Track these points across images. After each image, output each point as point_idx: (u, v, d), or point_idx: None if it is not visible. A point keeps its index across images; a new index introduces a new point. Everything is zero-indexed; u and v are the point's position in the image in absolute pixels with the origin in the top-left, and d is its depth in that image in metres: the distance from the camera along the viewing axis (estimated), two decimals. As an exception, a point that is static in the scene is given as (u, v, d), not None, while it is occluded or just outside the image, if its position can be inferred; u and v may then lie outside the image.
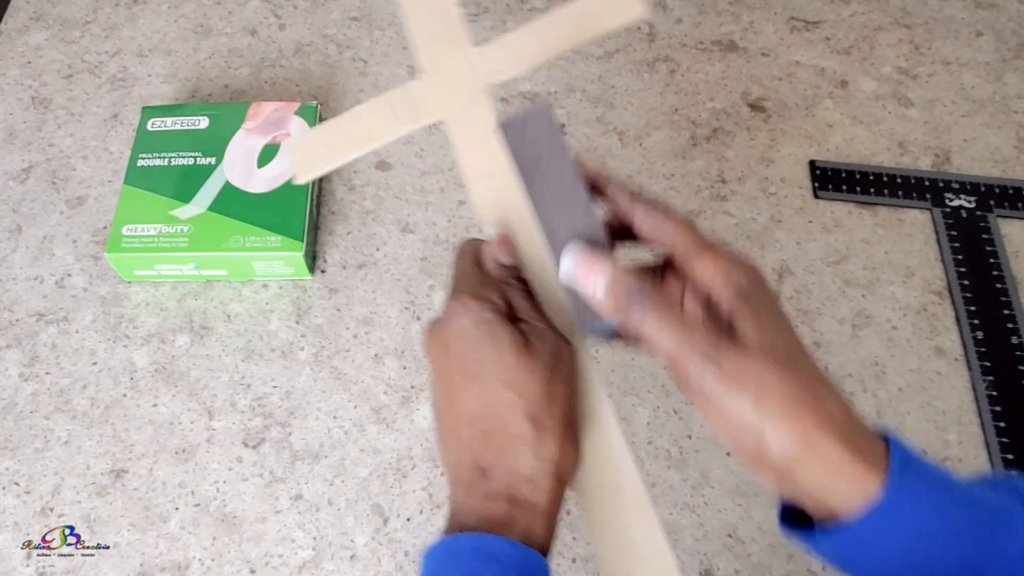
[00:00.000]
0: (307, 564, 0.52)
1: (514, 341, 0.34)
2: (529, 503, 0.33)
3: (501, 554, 0.31)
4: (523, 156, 0.38)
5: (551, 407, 0.34)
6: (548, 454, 0.33)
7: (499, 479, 0.33)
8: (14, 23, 0.78)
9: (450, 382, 0.35)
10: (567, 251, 0.36)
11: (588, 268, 0.34)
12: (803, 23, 0.79)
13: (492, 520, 0.32)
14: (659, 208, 0.37)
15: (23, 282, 0.63)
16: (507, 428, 0.33)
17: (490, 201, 0.38)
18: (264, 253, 0.60)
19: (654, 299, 0.32)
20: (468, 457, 0.34)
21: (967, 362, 0.60)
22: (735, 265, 0.33)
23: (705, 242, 0.34)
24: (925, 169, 0.69)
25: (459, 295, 0.35)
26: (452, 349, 0.35)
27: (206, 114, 0.66)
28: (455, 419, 0.35)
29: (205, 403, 0.58)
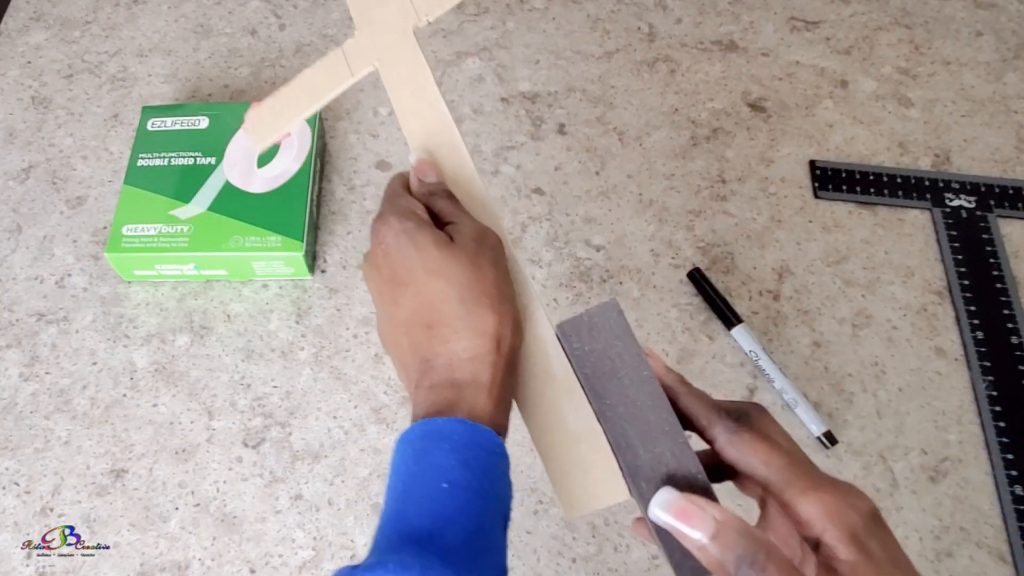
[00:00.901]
0: (307, 564, 0.52)
1: (436, 238, 0.36)
2: (472, 382, 0.34)
3: (449, 432, 0.32)
4: (591, 367, 0.34)
5: (481, 287, 0.35)
6: (484, 326, 0.34)
7: (441, 366, 0.35)
8: (14, 23, 0.78)
9: (386, 298, 0.37)
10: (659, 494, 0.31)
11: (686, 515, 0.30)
12: (803, 23, 0.79)
13: (440, 406, 0.34)
14: (743, 428, 0.32)
15: (23, 282, 0.63)
16: (443, 316, 0.35)
17: (417, 130, 0.41)
18: (264, 253, 0.60)
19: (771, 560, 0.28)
20: (415, 357, 0.35)
21: (967, 362, 0.60)
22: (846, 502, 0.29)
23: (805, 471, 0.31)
24: (925, 169, 0.69)
25: (380, 216, 0.37)
26: (381, 266, 0.37)
27: (206, 114, 0.66)
28: (397, 327, 0.36)
29: (205, 403, 0.58)
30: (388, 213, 0.37)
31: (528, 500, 0.54)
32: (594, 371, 0.34)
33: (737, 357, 0.60)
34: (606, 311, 0.34)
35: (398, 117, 0.41)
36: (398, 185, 0.40)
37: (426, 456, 0.32)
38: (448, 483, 0.31)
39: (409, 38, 0.42)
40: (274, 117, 0.44)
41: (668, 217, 0.67)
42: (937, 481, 0.55)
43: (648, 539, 0.34)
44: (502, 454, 0.33)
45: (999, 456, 0.56)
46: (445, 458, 0.31)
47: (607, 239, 0.65)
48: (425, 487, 0.31)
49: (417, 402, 0.35)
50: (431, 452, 0.32)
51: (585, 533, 0.53)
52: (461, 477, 0.31)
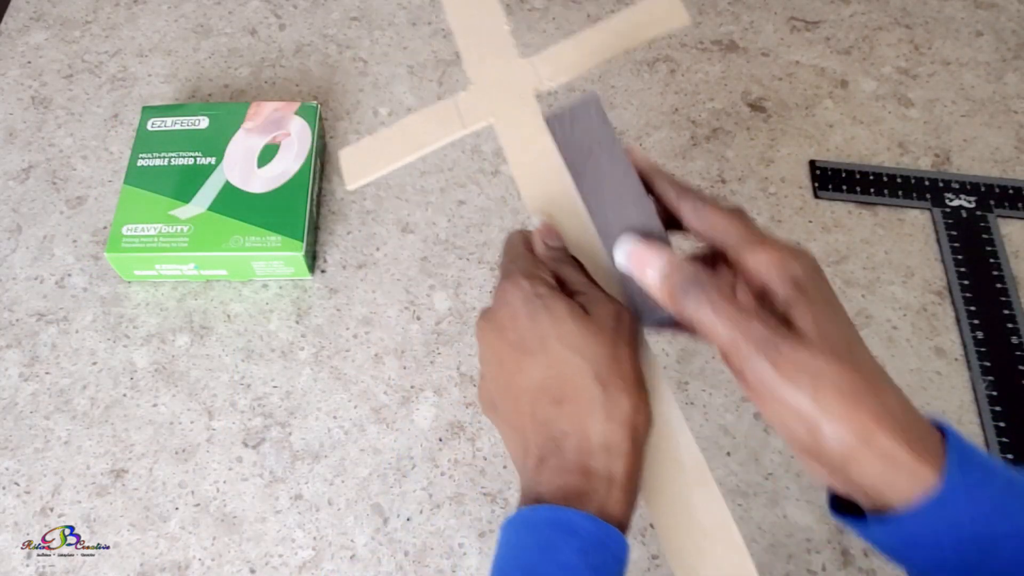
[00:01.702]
0: (307, 564, 0.52)
1: (572, 309, 0.34)
2: (605, 474, 0.32)
3: (580, 528, 0.30)
4: (572, 148, 0.38)
5: (618, 367, 0.33)
6: (620, 414, 0.32)
7: (572, 449, 0.32)
8: (14, 23, 0.78)
9: (508, 363, 0.34)
10: (621, 241, 0.36)
11: (643, 257, 0.34)
12: (803, 23, 0.79)
13: (568, 493, 0.31)
14: (708, 201, 0.36)
15: (23, 282, 0.63)
16: (576, 393, 0.33)
17: (537, 195, 0.39)
18: (264, 253, 0.60)
19: (709, 288, 0.31)
20: (538, 431, 0.33)
21: (967, 362, 0.60)
22: (791, 255, 0.32)
23: (758, 234, 0.34)
24: (925, 169, 0.69)
25: (509, 276, 0.35)
26: (507, 329, 0.34)
27: (206, 114, 0.66)
28: (518, 397, 0.34)
29: (205, 403, 0.58)
30: (518, 274, 0.35)
31: (528, 500, 0.54)
32: (576, 154, 0.38)
33: (737, 357, 0.60)
34: (586, 103, 0.38)
35: (515, 177, 0.40)
36: (521, 245, 0.38)
37: (552, 551, 0.30)
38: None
39: (530, 100, 0.41)
40: (372, 157, 0.42)
41: (668, 217, 0.67)
42: (937, 481, 0.55)
43: None
44: (625, 560, 0.32)
45: (999, 456, 0.56)
46: (573, 557, 0.30)
47: (607, 239, 0.65)
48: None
49: (539, 481, 0.32)
50: (559, 548, 0.30)
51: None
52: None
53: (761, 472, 0.55)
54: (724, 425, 0.57)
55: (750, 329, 0.30)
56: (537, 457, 0.33)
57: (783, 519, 0.54)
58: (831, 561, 0.52)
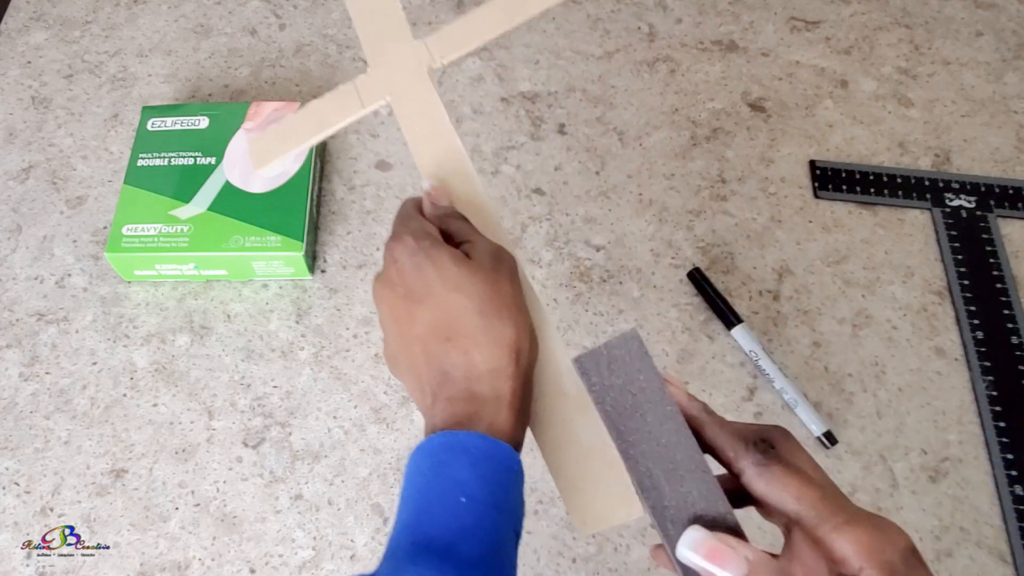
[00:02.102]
0: (307, 564, 0.52)
1: (453, 255, 0.36)
2: (492, 396, 0.34)
3: (468, 445, 0.32)
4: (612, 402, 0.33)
5: (500, 300, 0.35)
6: (504, 339, 0.35)
7: (461, 377, 0.35)
8: (14, 23, 0.78)
9: (401, 315, 0.37)
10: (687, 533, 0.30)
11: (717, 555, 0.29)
12: (803, 23, 0.79)
13: (459, 419, 0.34)
14: (773, 460, 0.31)
15: (23, 282, 0.63)
16: (462, 328, 0.35)
17: (429, 161, 0.42)
18: (264, 253, 0.60)
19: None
20: (431, 369, 0.35)
21: (967, 362, 0.60)
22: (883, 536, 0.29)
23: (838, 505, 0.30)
24: (925, 169, 0.69)
25: (396, 236, 0.38)
26: (396, 284, 0.37)
27: (206, 114, 0.66)
28: (412, 344, 0.36)
29: (205, 403, 0.58)
30: (403, 233, 0.38)
31: (528, 500, 0.54)
32: (615, 407, 0.33)
33: (737, 357, 0.60)
34: (626, 343, 0.33)
35: (410, 147, 0.43)
36: (411, 208, 0.41)
37: (445, 468, 0.32)
38: (466, 497, 0.31)
39: (423, 77, 0.44)
40: (278, 142, 0.45)
41: (668, 217, 0.67)
42: (937, 481, 0.55)
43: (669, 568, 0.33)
44: (519, 470, 0.34)
45: (999, 456, 0.56)
46: (464, 472, 0.32)
47: (607, 239, 0.65)
48: (443, 499, 0.31)
49: (434, 413, 0.35)
50: (450, 464, 0.32)
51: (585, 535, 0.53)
52: (479, 491, 0.31)
53: (761, 472, 0.55)
54: (724, 425, 0.57)
55: None
56: (432, 393, 0.35)
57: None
58: (831, 561, 0.52)
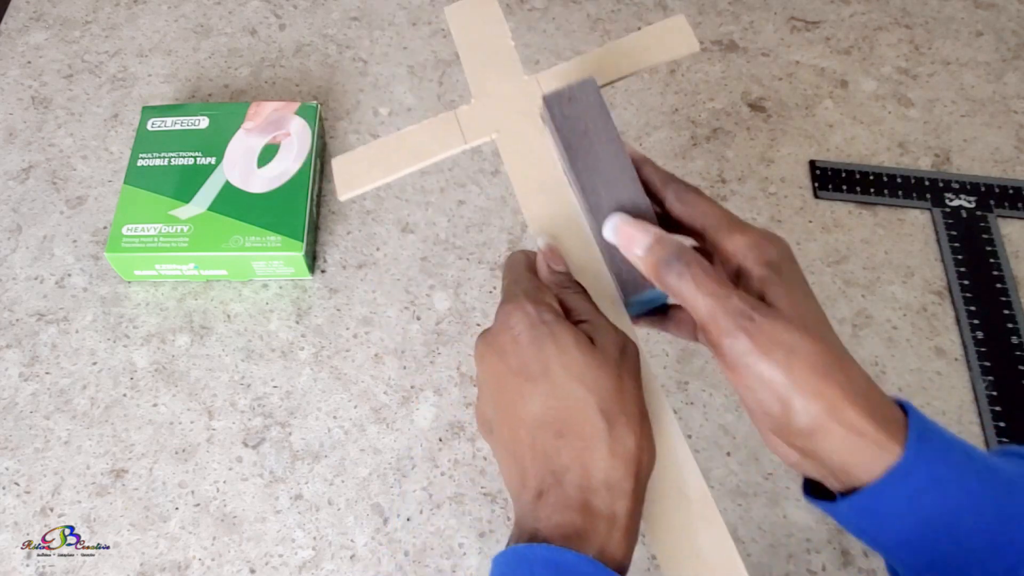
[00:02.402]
0: (307, 564, 0.52)
1: (577, 338, 0.33)
2: (607, 514, 0.31)
3: (577, 572, 0.29)
4: (568, 129, 0.38)
5: (623, 402, 0.32)
6: (624, 451, 0.31)
7: (573, 484, 0.31)
8: (14, 23, 0.78)
9: (509, 388, 0.33)
10: (611, 217, 0.36)
11: (630, 232, 0.35)
12: (803, 23, 0.79)
13: (567, 531, 0.30)
14: (690, 189, 0.37)
15: (23, 282, 0.63)
16: (580, 426, 0.32)
17: (541, 215, 0.39)
18: (264, 253, 0.60)
19: (692, 261, 0.32)
20: (536, 463, 0.32)
21: (967, 362, 0.60)
22: (766, 239, 0.34)
23: (737, 220, 0.35)
24: (925, 169, 0.69)
25: (513, 299, 0.34)
26: (509, 354, 0.33)
27: (206, 114, 0.66)
28: (518, 425, 0.33)
29: (205, 403, 0.58)
30: (520, 297, 0.34)
31: (528, 500, 0.54)
32: (571, 133, 0.38)
33: (737, 357, 0.60)
34: (584, 86, 0.39)
35: (517, 195, 0.39)
36: (524, 267, 0.37)
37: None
38: None
39: (533, 118, 0.41)
40: (367, 167, 0.41)
41: (668, 217, 0.67)
42: (937, 481, 0.55)
43: None
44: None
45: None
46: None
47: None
48: None
49: (537, 516, 0.31)
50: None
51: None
52: None
53: (761, 472, 0.55)
54: (724, 425, 0.57)
55: (729, 302, 0.31)
56: (535, 490, 0.32)
57: (783, 519, 0.54)
58: (831, 561, 0.52)
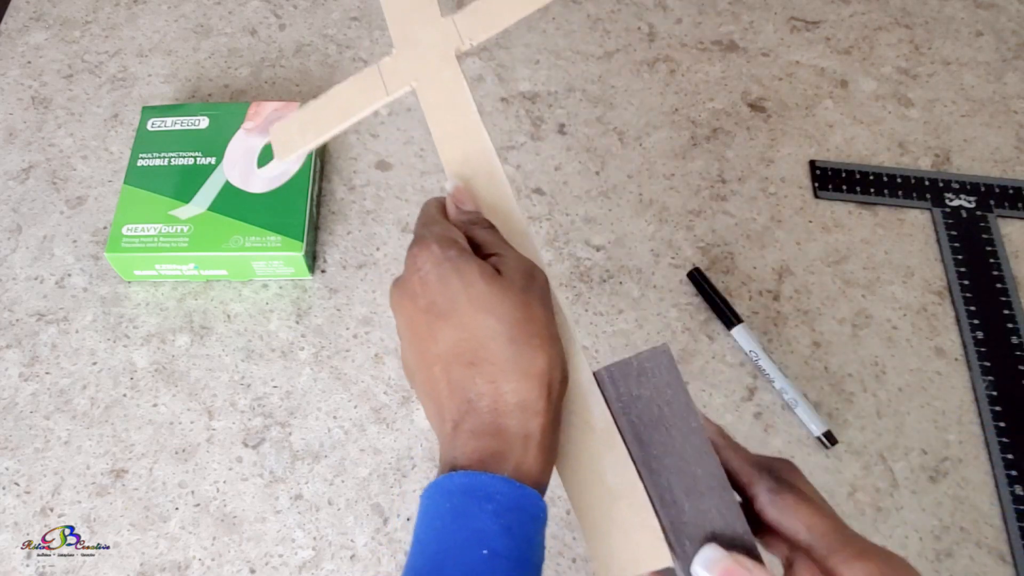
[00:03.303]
0: (307, 564, 0.52)
1: (483, 270, 0.33)
2: (521, 433, 0.31)
3: (494, 492, 0.30)
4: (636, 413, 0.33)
5: (531, 325, 0.32)
6: (535, 369, 0.32)
7: (487, 409, 0.32)
8: (14, 23, 0.78)
9: (421, 327, 0.34)
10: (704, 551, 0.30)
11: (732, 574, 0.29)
12: (803, 23, 0.79)
13: (483, 455, 0.31)
14: (787, 488, 0.32)
15: (23, 282, 0.63)
16: (489, 354, 0.32)
17: (455, 158, 0.39)
18: (264, 253, 0.60)
19: None
20: (453, 395, 0.33)
21: (967, 362, 0.60)
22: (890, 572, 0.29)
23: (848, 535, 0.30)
24: (925, 169, 0.69)
25: (420, 241, 0.35)
26: (418, 294, 0.34)
27: (206, 114, 0.66)
28: (432, 363, 0.33)
29: (205, 403, 0.58)
30: (428, 239, 0.34)
31: (528, 500, 0.54)
32: (640, 419, 0.32)
33: (737, 357, 0.60)
34: (657, 357, 0.33)
35: (435, 141, 0.40)
36: (434, 211, 0.38)
37: (466, 518, 0.29)
38: (489, 550, 0.29)
39: (451, 61, 0.41)
40: (301, 131, 0.42)
41: (668, 217, 0.67)
42: (937, 481, 0.55)
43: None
44: (545, 519, 0.31)
45: (999, 456, 0.56)
46: (488, 522, 0.29)
47: (607, 239, 0.65)
48: (463, 551, 0.29)
49: (455, 445, 0.32)
50: (473, 514, 0.29)
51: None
52: (503, 545, 0.29)
53: (761, 472, 0.55)
54: (724, 425, 0.57)
55: None
56: (452, 421, 0.32)
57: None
58: (831, 561, 0.52)
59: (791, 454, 0.56)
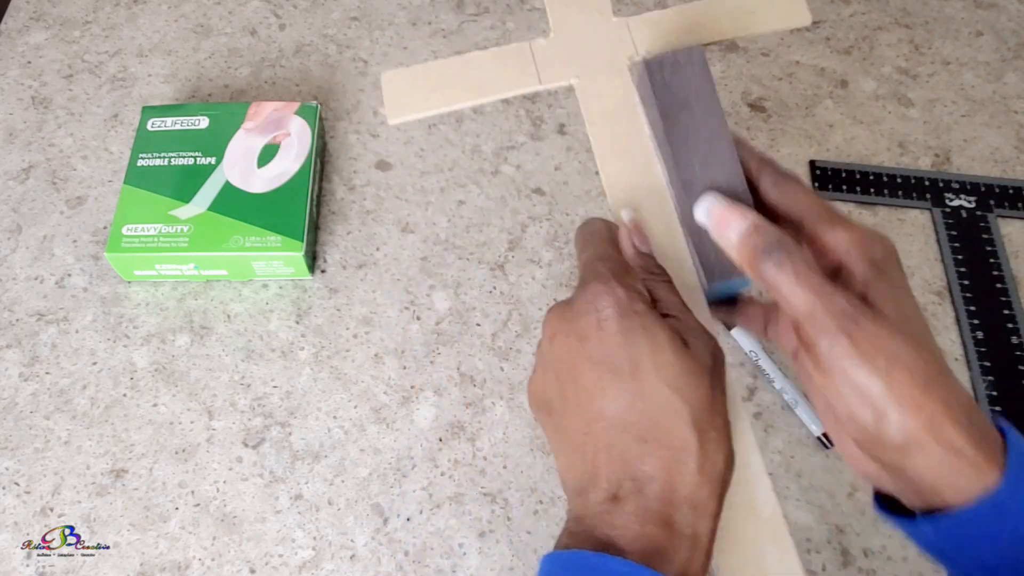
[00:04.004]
0: (307, 564, 0.52)
1: (672, 338, 0.30)
2: (690, 533, 0.28)
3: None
4: (668, 98, 0.35)
5: (714, 417, 0.30)
6: (712, 468, 0.29)
7: (655, 496, 0.28)
8: (14, 23, 0.78)
9: (585, 377, 0.30)
10: (705, 197, 0.34)
11: (726, 215, 0.32)
12: (803, 23, 0.79)
13: (647, 546, 0.28)
14: (788, 176, 0.35)
15: (23, 282, 0.63)
16: (668, 436, 0.29)
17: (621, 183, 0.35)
18: (264, 253, 0.60)
19: (793, 252, 0.30)
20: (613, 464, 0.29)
21: (967, 362, 0.60)
22: (871, 237, 0.32)
23: (837, 213, 0.33)
24: (925, 169, 0.69)
25: (600, 278, 0.31)
26: (592, 340, 0.30)
27: (206, 114, 0.66)
28: (593, 419, 0.30)
29: (205, 403, 0.58)
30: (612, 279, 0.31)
31: (528, 500, 0.54)
32: (671, 102, 0.35)
33: (737, 357, 0.60)
34: (691, 53, 0.35)
35: (596, 155, 0.36)
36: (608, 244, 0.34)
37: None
38: None
39: (621, 69, 0.36)
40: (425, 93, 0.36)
41: (668, 217, 0.66)
42: (937, 481, 0.55)
43: None
44: None
45: (999, 456, 0.56)
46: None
47: (607, 239, 0.65)
48: None
49: (613, 524, 0.28)
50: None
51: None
52: None
53: (761, 472, 0.55)
54: (724, 425, 0.57)
55: (833, 300, 0.28)
56: (609, 493, 0.29)
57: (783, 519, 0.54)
58: (831, 561, 0.52)
59: (791, 454, 0.56)
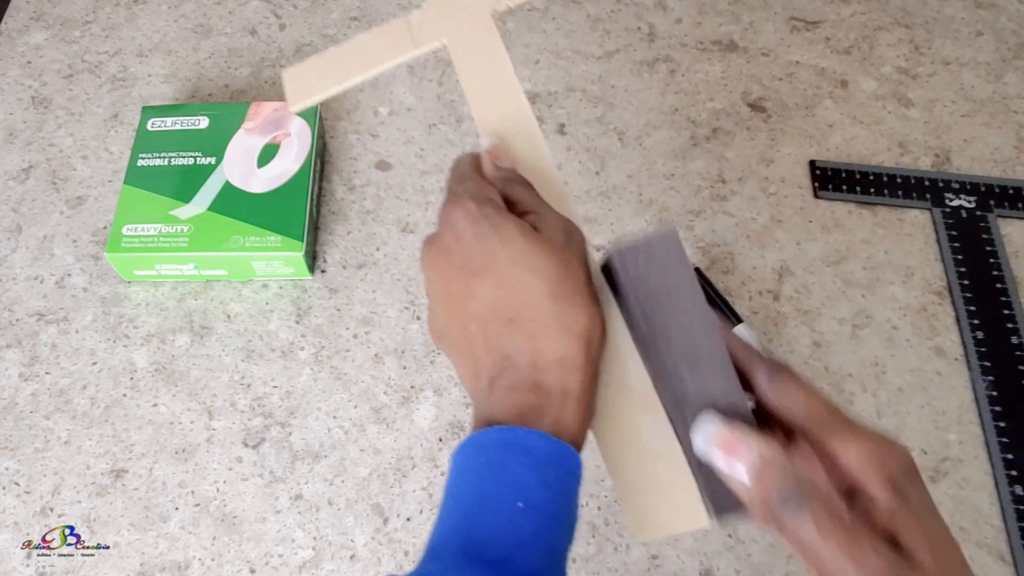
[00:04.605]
0: (307, 564, 0.52)
1: (521, 227, 0.33)
2: (559, 389, 0.31)
3: (531, 446, 0.29)
4: (642, 295, 0.33)
5: (571, 282, 0.32)
6: (575, 326, 0.31)
7: (526, 365, 0.31)
8: (14, 23, 0.78)
9: (456, 287, 0.33)
10: (703, 421, 0.31)
11: (732, 446, 0.29)
12: (803, 23, 0.79)
13: (521, 409, 0.31)
14: (782, 372, 0.32)
15: (23, 282, 0.63)
16: (529, 310, 0.32)
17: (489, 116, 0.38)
18: (264, 253, 0.60)
19: (814, 501, 0.27)
20: (490, 352, 0.32)
21: (967, 362, 0.60)
22: (886, 449, 0.29)
23: (842, 417, 0.31)
24: (925, 169, 0.69)
25: (454, 199, 0.34)
26: (453, 252, 0.33)
27: (206, 114, 0.66)
28: (468, 320, 0.33)
29: (205, 403, 0.58)
30: (463, 196, 0.34)
31: (528, 500, 0.54)
32: (647, 297, 0.32)
33: (737, 357, 0.60)
34: (664, 240, 0.33)
35: (468, 99, 0.39)
36: (468, 167, 0.37)
37: (503, 470, 0.29)
38: (525, 503, 0.29)
39: (486, 20, 0.40)
40: (318, 79, 0.40)
41: (668, 217, 0.67)
42: (937, 481, 0.55)
43: None
44: (580, 477, 0.31)
45: (999, 456, 0.56)
46: (525, 475, 0.29)
47: (607, 239, 0.65)
48: (499, 504, 0.29)
49: (491, 401, 0.31)
50: (509, 465, 0.29)
51: (585, 533, 0.53)
52: (540, 499, 0.29)
53: (761, 472, 0.55)
54: (724, 425, 0.57)
55: (866, 559, 0.26)
56: (489, 378, 0.32)
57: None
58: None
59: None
